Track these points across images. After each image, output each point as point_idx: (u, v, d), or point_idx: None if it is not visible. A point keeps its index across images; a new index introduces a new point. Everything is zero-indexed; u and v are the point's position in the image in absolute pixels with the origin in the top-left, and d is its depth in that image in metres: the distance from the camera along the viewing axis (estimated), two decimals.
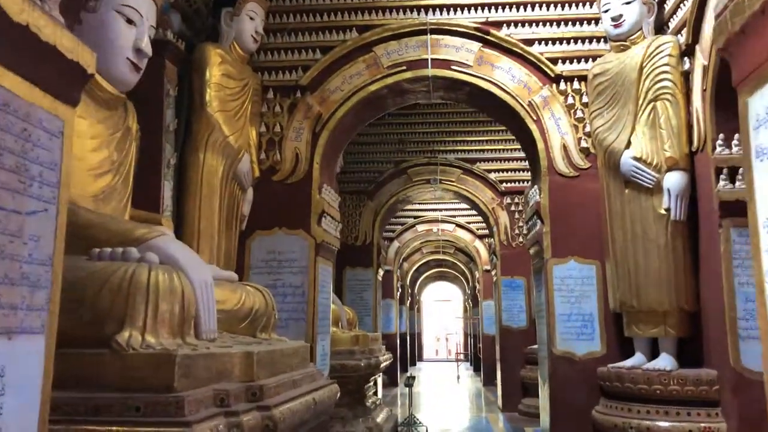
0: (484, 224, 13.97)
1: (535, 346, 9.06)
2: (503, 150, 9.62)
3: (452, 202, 13.99)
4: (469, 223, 14.07)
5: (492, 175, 9.57)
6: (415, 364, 21.08)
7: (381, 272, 9.97)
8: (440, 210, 14.08)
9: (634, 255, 4.62)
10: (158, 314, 2.60)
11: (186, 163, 4.66)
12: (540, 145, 5.15)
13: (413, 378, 7.77)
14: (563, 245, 5.05)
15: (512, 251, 9.44)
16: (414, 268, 18.94)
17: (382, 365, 7.26)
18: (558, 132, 5.16)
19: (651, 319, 4.56)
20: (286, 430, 2.80)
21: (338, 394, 3.96)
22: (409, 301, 18.67)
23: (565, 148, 5.15)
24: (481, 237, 14.05)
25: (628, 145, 4.71)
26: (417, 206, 14.10)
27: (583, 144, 5.13)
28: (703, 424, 4.06)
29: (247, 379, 2.81)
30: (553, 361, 4.93)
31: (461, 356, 21.44)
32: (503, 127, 9.61)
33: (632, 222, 4.66)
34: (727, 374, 4.01)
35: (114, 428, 2.21)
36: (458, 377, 15.53)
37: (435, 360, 25.56)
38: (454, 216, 14.09)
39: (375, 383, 8.25)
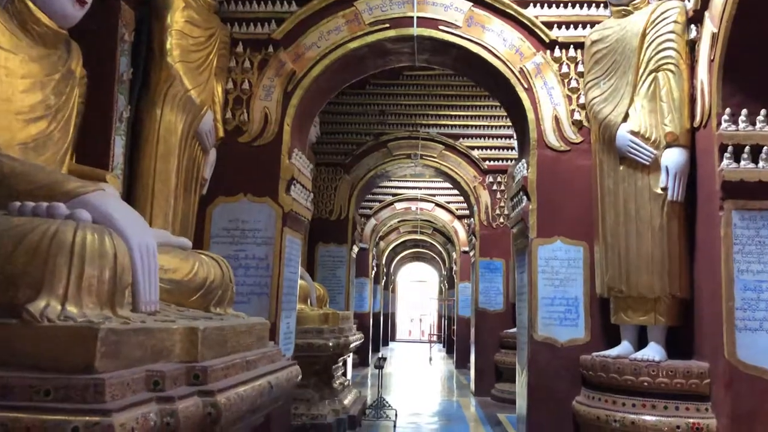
0: (464, 204, 13.66)
1: (512, 330, 8.81)
2: (488, 126, 9.25)
3: (432, 181, 13.64)
4: (448, 202, 13.74)
5: (475, 153, 9.21)
6: (387, 344, 20.85)
7: (356, 249, 9.60)
8: (420, 188, 13.73)
9: (626, 237, 4.29)
10: (83, 281, 2.19)
11: (142, 118, 4.20)
12: (530, 115, 4.78)
13: (384, 359, 7.45)
14: (550, 224, 4.71)
15: (492, 232, 9.13)
16: (390, 247, 18.61)
17: (352, 345, 6.92)
18: (550, 102, 4.80)
19: (640, 306, 4.25)
20: (233, 417, 2.42)
21: (299, 377, 3.59)
22: (384, 281, 18.36)
23: (556, 119, 4.79)
24: (460, 217, 13.73)
25: (626, 118, 4.36)
26: (396, 183, 13.72)
27: (577, 116, 4.77)
28: (691, 420, 3.78)
29: (190, 360, 2.41)
30: (533, 346, 4.61)
31: (434, 338, 21.26)
32: (488, 103, 9.27)
33: (625, 201, 4.33)
34: (720, 367, 3.72)
35: (15, 415, 1.81)
36: (430, 359, 15.31)
37: (408, 341, 25.39)
38: (434, 195, 13.74)
39: (344, 363, 7.92)
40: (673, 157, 4.17)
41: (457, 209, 13.69)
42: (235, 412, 2.40)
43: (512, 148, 9.08)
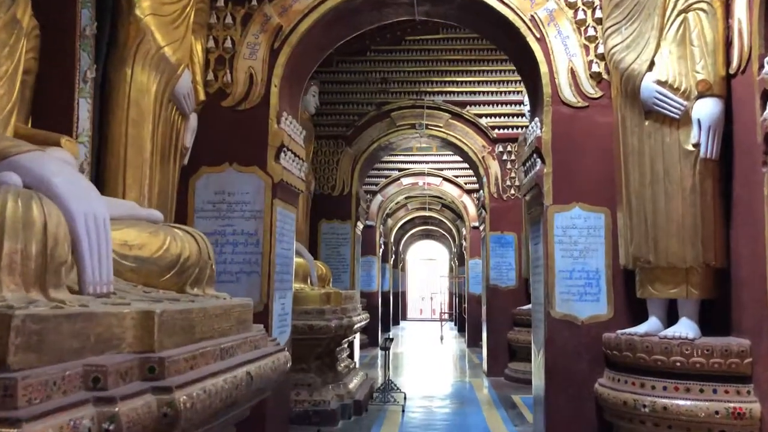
0: (473, 177, 13.18)
1: (525, 307, 8.41)
2: (496, 93, 8.75)
3: (439, 154, 13.17)
4: (456, 176, 13.27)
5: (483, 121, 8.72)
6: (398, 324, 20.55)
7: (360, 226, 9.18)
8: (427, 162, 13.25)
9: (653, 200, 3.83)
10: (2, 256, 1.79)
11: (110, 79, 3.76)
12: (543, 68, 4.30)
13: (390, 340, 7.06)
14: (567, 189, 4.26)
15: (503, 204, 8.67)
16: (398, 225, 18.20)
17: (357, 326, 6.54)
18: (565, 53, 4.31)
19: (670, 278, 3.80)
20: (198, 418, 2.02)
21: (288, 363, 3.21)
22: (392, 259, 17.98)
23: (572, 72, 4.31)
24: (469, 192, 13.27)
25: (651, 66, 3.88)
26: (402, 158, 13.26)
27: (595, 68, 4.29)
28: (732, 404, 3.35)
29: (145, 350, 2.02)
30: (550, 324, 4.19)
31: (445, 316, 20.92)
32: (497, 67, 8.77)
33: (652, 161, 3.86)
34: (764, 344, 3.28)
35: None
36: (441, 338, 14.96)
37: (419, 320, 25.08)
38: (441, 169, 13.27)
39: (351, 345, 7.56)
40: (706, 109, 3.69)
41: (465, 183, 13.23)
42: (199, 411, 2.00)
43: (522, 115, 8.57)
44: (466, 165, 13.23)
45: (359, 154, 8.81)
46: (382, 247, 14.31)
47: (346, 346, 6.89)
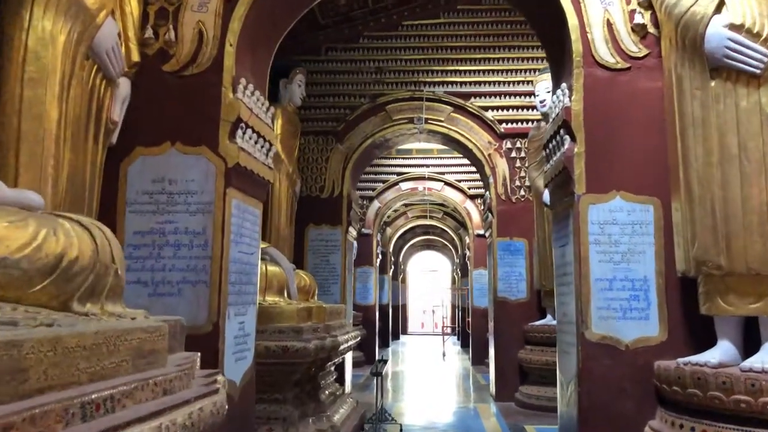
0: (476, 182, 12.24)
1: (538, 323, 7.45)
2: (504, 83, 7.82)
3: (441, 157, 12.26)
4: (459, 181, 12.34)
5: (489, 114, 7.79)
6: (398, 338, 19.52)
7: (353, 232, 8.23)
8: (427, 166, 12.34)
9: (724, 185, 2.88)
10: None
11: (2, 26, 2.85)
12: (571, 21, 3.37)
13: (384, 362, 6.07)
14: (605, 174, 3.31)
15: (511, 207, 7.72)
16: (398, 234, 17.24)
17: (345, 346, 5.56)
18: (600, 1, 3.38)
19: (750, 288, 2.84)
20: None
21: (223, 411, 2.25)
22: (392, 270, 17.00)
23: (609, 25, 3.37)
24: (473, 197, 12.33)
25: (720, 7, 2.94)
26: (400, 161, 12.36)
27: (638, 19, 3.35)
28: None
29: None
30: (585, 349, 3.22)
31: (448, 330, 19.88)
32: (503, 54, 7.84)
33: (721, 133, 2.92)
34: None
35: None
36: (444, 354, 13.94)
37: (420, 333, 24.05)
38: (443, 173, 12.35)
39: (339, 367, 6.59)
40: None
41: (469, 188, 12.30)
42: None
43: (533, 107, 7.65)
44: (469, 168, 12.30)
45: (351, 151, 7.88)
46: (380, 257, 13.34)
47: (332, 369, 5.92)
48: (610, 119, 3.32)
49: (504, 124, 7.77)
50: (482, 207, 11.07)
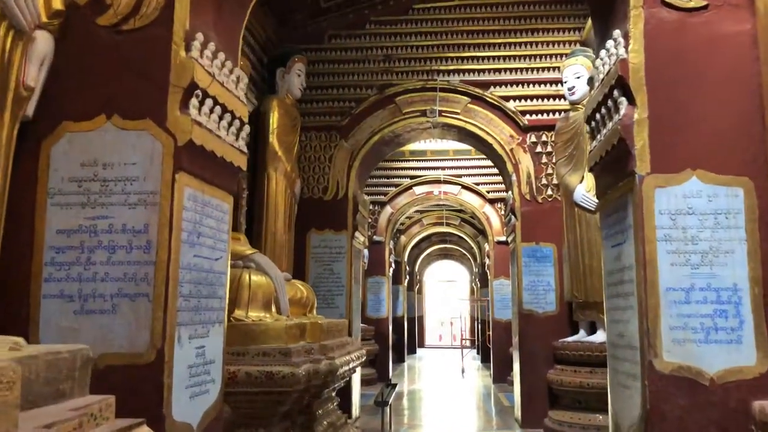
0: (496, 185, 11.40)
1: (570, 339, 6.56)
2: (526, 70, 7.00)
3: (457, 158, 11.44)
4: (477, 184, 11.51)
5: (511, 105, 6.97)
6: (414, 352, 18.64)
7: (360, 237, 7.44)
8: (443, 168, 11.53)
9: None
10: None
11: None
12: None
13: (392, 387, 5.24)
14: (676, 148, 2.48)
15: (537, 208, 6.88)
16: (413, 242, 16.40)
17: (345, 369, 4.73)
18: None
19: None
20: None
21: None
22: (407, 281, 16.16)
23: None
24: (492, 201, 11.50)
25: None
26: (413, 164, 11.57)
27: None
28: None
29: None
30: (654, 383, 2.38)
31: (467, 343, 18.95)
32: (526, 39, 7.01)
33: None
34: None
35: None
36: (463, 370, 13.03)
37: (438, 346, 23.12)
38: (460, 176, 11.53)
39: (343, 391, 5.79)
40: None
41: (488, 191, 11.47)
42: None
43: (560, 97, 6.83)
44: (488, 170, 11.47)
45: (357, 148, 7.10)
46: (393, 266, 12.51)
47: (333, 394, 5.11)
48: (682, 75, 2.49)
49: (528, 116, 6.94)
50: (503, 210, 10.27)
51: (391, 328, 12.03)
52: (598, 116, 2.85)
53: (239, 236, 5.08)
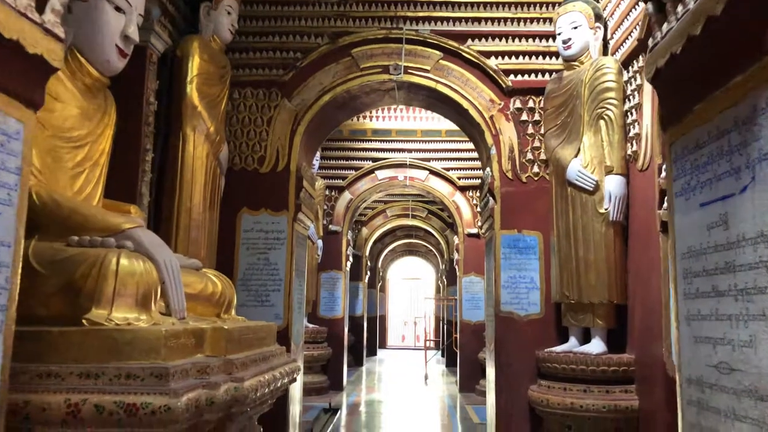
0: (468, 171, 10.19)
1: (560, 349, 5.30)
2: (512, 20, 5.75)
3: (425, 140, 10.19)
4: (447, 169, 10.27)
5: (492, 62, 5.72)
6: (374, 354, 17.37)
7: (305, 221, 6.08)
8: (409, 151, 10.27)
9: None
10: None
11: None
12: None
13: (331, 414, 3.92)
14: None
15: (521, 189, 5.64)
16: (376, 235, 15.12)
17: (263, 392, 3.39)
18: None
19: None
20: None
21: None
22: (367, 277, 14.86)
23: None
24: (463, 189, 10.29)
25: None
26: (377, 144, 10.27)
27: None
28: None
29: None
30: None
31: (431, 344, 17.75)
32: None
33: None
34: None
35: None
36: (426, 377, 11.78)
37: (401, 347, 21.93)
38: (428, 159, 10.28)
39: (282, 402, 4.46)
40: None
41: (459, 178, 10.25)
42: None
43: (553, 54, 5.62)
44: (460, 155, 10.27)
45: (303, 110, 5.76)
46: (351, 260, 11.20)
47: (252, 421, 3.76)
48: None
49: (512, 76, 5.70)
50: (476, 200, 9.08)
51: (347, 329, 10.71)
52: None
53: (129, 207, 3.72)
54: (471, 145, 9.86)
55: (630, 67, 4.90)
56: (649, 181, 4.42)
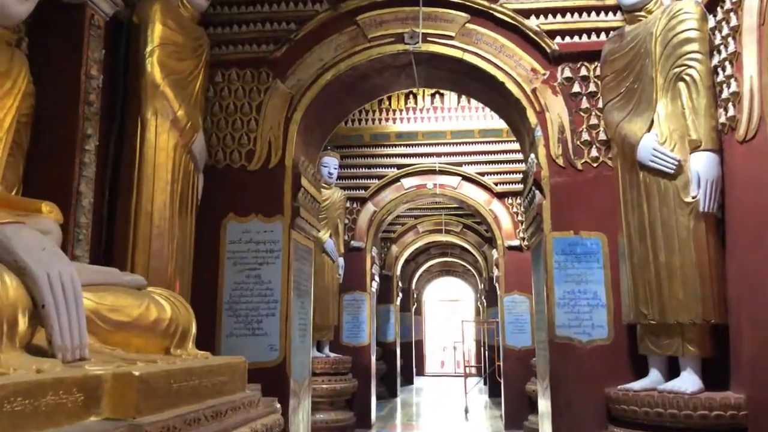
0: (506, 175, 8.96)
1: (636, 386, 3.84)
2: None
3: (456, 143, 9.02)
4: (482, 174, 9.07)
5: (532, 22, 4.57)
6: (412, 382, 16.07)
7: (305, 227, 4.95)
8: (438, 155, 9.12)
9: None
10: None
11: None
12: None
13: None
14: None
15: (576, 178, 4.44)
16: (406, 254, 13.94)
17: None
18: None
19: None
20: None
21: None
22: (399, 299, 13.66)
23: None
24: (501, 196, 9.07)
25: None
26: (401, 150, 9.16)
27: None
28: None
29: None
30: None
31: (471, 370, 16.37)
32: None
33: None
34: None
35: None
36: (466, 410, 10.46)
37: (440, 374, 20.55)
38: (460, 164, 9.10)
39: None
40: None
41: (496, 183, 9.03)
42: None
43: (607, 9, 4.45)
44: (496, 158, 9.05)
45: (300, 92, 4.69)
46: (377, 280, 10.03)
47: None
48: None
49: (558, 39, 4.53)
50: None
51: (374, 357, 9.51)
52: None
53: (39, 205, 2.69)
54: (509, 146, 8.73)
55: (719, 8, 3.69)
56: (756, 154, 3.22)
